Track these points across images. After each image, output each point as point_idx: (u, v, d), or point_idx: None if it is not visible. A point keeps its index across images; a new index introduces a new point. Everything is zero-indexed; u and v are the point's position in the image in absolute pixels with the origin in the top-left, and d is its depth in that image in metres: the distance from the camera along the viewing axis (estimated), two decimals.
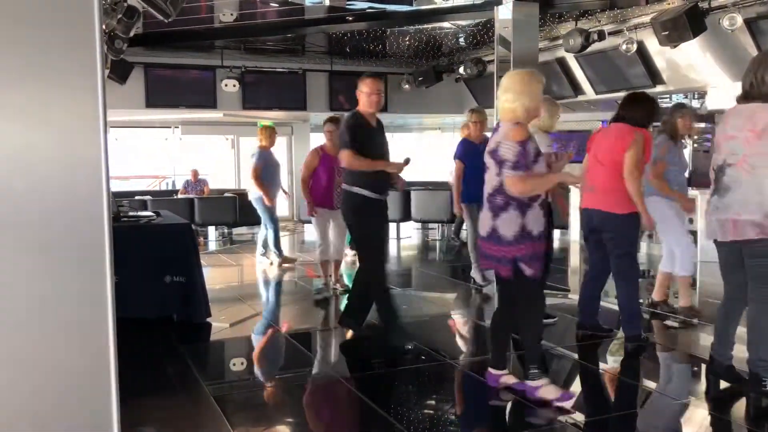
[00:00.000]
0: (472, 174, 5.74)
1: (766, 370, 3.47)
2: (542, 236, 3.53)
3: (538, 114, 3.60)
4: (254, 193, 7.81)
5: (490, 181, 3.50)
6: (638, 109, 4.46)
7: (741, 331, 3.72)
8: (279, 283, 7.36)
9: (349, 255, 7.51)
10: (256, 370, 4.48)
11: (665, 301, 5.39)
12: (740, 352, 3.71)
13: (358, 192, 4.47)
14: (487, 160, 3.53)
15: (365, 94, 4.55)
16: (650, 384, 4.04)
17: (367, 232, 4.54)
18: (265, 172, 7.71)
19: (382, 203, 4.58)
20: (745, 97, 3.50)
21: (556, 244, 9.22)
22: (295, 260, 8.27)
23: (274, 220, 7.89)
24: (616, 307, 4.64)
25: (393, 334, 4.57)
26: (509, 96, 3.49)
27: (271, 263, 8.05)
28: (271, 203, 7.73)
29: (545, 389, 3.54)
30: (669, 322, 5.13)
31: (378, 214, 4.56)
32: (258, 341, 5.12)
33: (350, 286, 5.70)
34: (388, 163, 4.55)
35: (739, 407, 3.59)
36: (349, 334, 4.93)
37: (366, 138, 4.48)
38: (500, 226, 3.44)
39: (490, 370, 3.77)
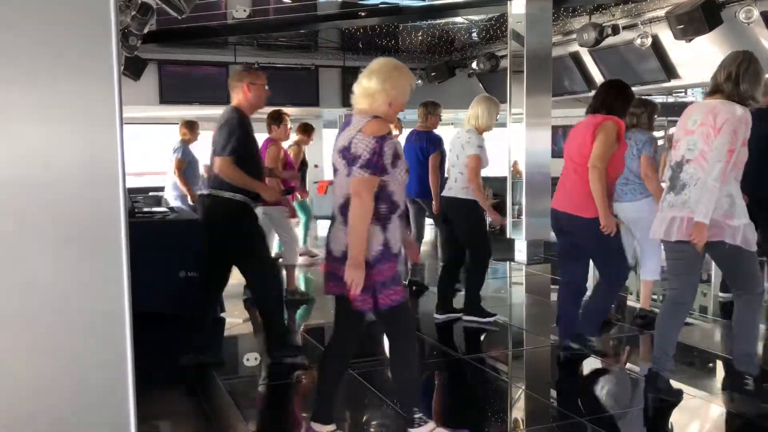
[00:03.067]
0: None
1: (752, 366, 3.43)
2: (401, 255, 2.89)
3: (398, 110, 2.95)
4: (176, 190, 7.50)
5: (342, 187, 2.80)
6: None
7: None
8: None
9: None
10: (270, 365, 4.51)
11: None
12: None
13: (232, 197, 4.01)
14: (337, 161, 2.82)
15: (259, 86, 4.06)
16: None
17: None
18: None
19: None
20: (714, 92, 3.39)
21: None
22: None
23: None
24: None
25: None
26: (374, 81, 2.82)
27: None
28: (194, 201, 7.15)
29: None
30: None
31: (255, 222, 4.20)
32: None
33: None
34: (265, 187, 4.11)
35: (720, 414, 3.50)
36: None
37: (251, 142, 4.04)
38: None
39: (315, 426, 3.04)
